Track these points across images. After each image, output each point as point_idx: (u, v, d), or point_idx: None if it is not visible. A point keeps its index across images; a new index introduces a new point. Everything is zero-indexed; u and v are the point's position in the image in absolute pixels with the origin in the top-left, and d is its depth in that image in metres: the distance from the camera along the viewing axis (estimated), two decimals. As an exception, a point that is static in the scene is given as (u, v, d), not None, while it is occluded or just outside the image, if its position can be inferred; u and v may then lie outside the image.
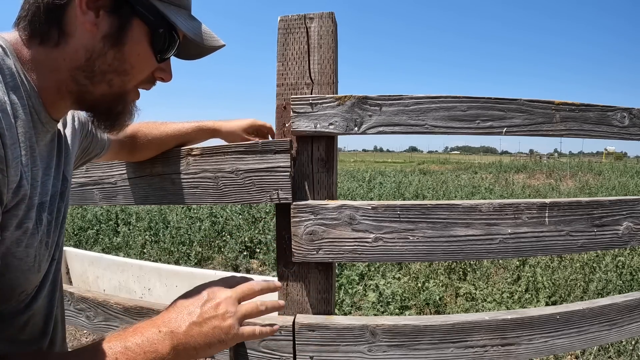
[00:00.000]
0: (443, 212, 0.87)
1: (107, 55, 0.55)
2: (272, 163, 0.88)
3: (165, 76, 0.64)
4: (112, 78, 0.57)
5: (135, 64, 0.58)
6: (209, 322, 0.53)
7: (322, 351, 0.89)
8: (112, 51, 0.55)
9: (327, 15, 0.89)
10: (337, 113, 0.87)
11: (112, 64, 0.56)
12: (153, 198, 1.00)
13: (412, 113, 0.87)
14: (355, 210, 0.87)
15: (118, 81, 0.58)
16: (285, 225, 0.91)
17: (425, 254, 0.88)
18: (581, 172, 15.68)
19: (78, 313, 1.07)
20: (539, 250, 0.90)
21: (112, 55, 0.55)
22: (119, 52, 0.56)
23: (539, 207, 0.89)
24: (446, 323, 0.89)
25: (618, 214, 0.94)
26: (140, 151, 0.96)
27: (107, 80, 0.57)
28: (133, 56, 0.57)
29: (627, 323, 0.99)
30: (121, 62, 0.56)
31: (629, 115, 0.94)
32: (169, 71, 0.64)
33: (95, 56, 0.55)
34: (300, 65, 0.90)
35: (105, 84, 0.57)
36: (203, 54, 0.69)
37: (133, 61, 0.57)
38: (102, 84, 0.57)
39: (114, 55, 0.55)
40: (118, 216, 5.90)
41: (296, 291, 0.94)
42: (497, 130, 0.89)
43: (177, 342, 0.50)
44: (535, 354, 0.92)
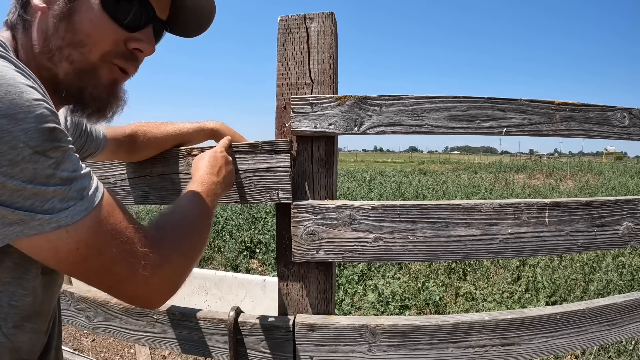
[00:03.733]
0: (443, 212, 0.87)
1: (59, 29, 0.53)
2: (272, 163, 0.88)
3: (143, 46, 0.58)
4: (70, 53, 0.54)
5: (90, 31, 0.54)
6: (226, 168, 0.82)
7: (322, 351, 0.89)
8: (62, 24, 0.53)
9: (327, 15, 0.89)
10: (337, 113, 0.86)
11: (64, 37, 0.53)
12: (153, 198, 1.00)
13: (412, 113, 0.87)
14: (355, 210, 0.87)
15: (77, 55, 0.54)
16: (285, 225, 0.91)
17: (425, 254, 0.88)
18: (581, 172, 15.68)
19: (78, 313, 1.07)
20: (539, 250, 0.90)
21: (63, 27, 0.53)
22: (70, 23, 0.53)
23: (539, 207, 0.89)
24: (446, 323, 0.89)
25: (618, 214, 0.94)
26: (139, 151, 0.96)
27: (65, 57, 0.54)
28: (85, 24, 0.53)
29: (627, 323, 0.99)
30: (74, 33, 0.53)
31: (629, 115, 0.94)
32: (148, 41, 0.59)
33: (50, 34, 0.53)
34: (300, 65, 0.90)
35: (65, 62, 0.54)
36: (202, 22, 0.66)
37: (86, 29, 0.53)
38: (62, 62, 0.54)
39: (65, 28, 0.53)
40: (118, 216, 5.88)
41: (296, 291, 0.94)
42: (497, 130, 0.89)
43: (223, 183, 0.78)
44: (535, 354, 0.92)
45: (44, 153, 0.42)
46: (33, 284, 0.52)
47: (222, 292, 2.13)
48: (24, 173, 0.41)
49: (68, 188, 0.44)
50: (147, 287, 0.51)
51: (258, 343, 0.91)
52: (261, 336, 0.90)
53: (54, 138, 0.43)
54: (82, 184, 0.46)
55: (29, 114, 0.41)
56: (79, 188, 0.45)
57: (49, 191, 0.42)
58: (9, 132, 0.39)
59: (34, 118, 0.41)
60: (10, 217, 0.41)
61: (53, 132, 0.43)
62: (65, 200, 0.44)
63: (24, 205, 0.41)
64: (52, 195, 0.43)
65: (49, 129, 0.42)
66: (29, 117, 0.41)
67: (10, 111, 0.40)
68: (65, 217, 0.44)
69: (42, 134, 0.41)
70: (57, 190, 0.43)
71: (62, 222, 0.43)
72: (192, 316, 0.95)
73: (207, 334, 0.94)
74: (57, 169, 0.43)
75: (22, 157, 0.40)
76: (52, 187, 0.43)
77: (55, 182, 0.43)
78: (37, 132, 0.41)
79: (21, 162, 0.40)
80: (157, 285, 0.52)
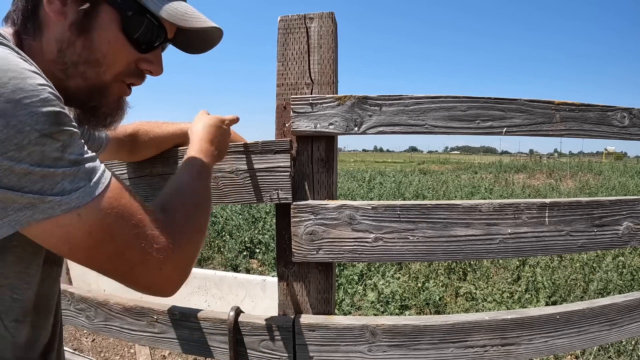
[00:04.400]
0: (443, 212, 0.87)
1: (75, 45, 0.53)
2: (272, 163, 0.88)
3: (153, 68, 0.60)
4: (85, 70, 0.54)
5: (107, 52, 0.55)
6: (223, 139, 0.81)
7: (322, 351, 0.89)
8: (80, 40, 0.53)
9: (327, 15, 0.89)
10: (337, 113, 0.87)
11: (81, 53, 0.53)
12: (153, 198, 1.00)
13: (412, 113, 0.87)
14: (355, 210, 0.87)
15: (91, 73, 0.55)
16: (285, 225, 0.91)
17: (425, 254, 0.88)
18: (581, 172, 15.68)
19: (78, 313, 1.07)
20: (539, 250, 0.90)
21: (80, 44, 0.53)
22: (87, 40, 0.53)
23: (539, 207, 0.89)
24: (446, 323, 0.89)
25: (618, 214, 0.94)
26: (140, 150, 0.96)
27: (80, 73, 0.55)
28: (103, 44, 0.54)
29: (627, 323, 0.99)
30: (91, 52, 0.54)
31: (629, 115, 0.94)
32: (157, 63, 0.60)
33: (64, 47, 0.53)
34: (300, 65, 0.90)
35: (79, 77, 0.55)
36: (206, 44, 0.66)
37: (104, 50, 0.54)
38: (76, 77, 0.55)
39: (82, 44, 0.53)
40: (118, 216, 5.88)
41: (296, 291, 0.94)
42: (497, 130, 0.89)
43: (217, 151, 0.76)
44: (535, 354, 0.92)
45: (50, 136, 0.42)
46: (35, 277, 0.52)
47: (222, 292, 2.13)
48: (31, 156, 0.40)
49: (77, 169, 0.44)
50: (161, 273, 0.50)
51: (258, 343, 0.91)
52: (261, 336, 0.90)
53: (60, 121, 0.43)
54: (90, 166, 0.46)
55: (34, 98, 0.41)
56: (87, 170, 0.45)
57: (58, 173, 0.42)
58: (15, 116, 0.39)
59: (40, 102, 0.41)
60: (19, 201, 0.41)
61: (59, 116, 0.43)
62: (74, 182, 0.43)
63: (33, 189, 0.41)
64: (61, 177, 0.42)
65: (54, 112, 0.42)
66: (34, 101, 0.41)
67: (15, 96, 0.40)
68: (76, 199, 0.43)
69: (48, 117, 0.41)
70: (66, 172, 0.43)
71: (72, 204, 0.43)
72: (192, 316, 0.95)
73: (207, 334, 0.94)
74: (64, 151, 0.43)
75: (28, 140, 0.40)
76: (60, 169, 0.42)
77: (64, 164, 0.43)
78: (43, 115, 0.41)
79: (28, 146, 0.40)
80: (171, 271, 0.51)
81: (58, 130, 0.42)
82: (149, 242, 0.49)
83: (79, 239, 0.45)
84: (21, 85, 0.40)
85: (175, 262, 0.52)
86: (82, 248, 0.45)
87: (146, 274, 0.50)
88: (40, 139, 0.41)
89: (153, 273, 0.50)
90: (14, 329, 0.51)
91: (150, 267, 0.49)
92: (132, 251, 0.48)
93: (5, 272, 0.49)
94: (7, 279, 0.49)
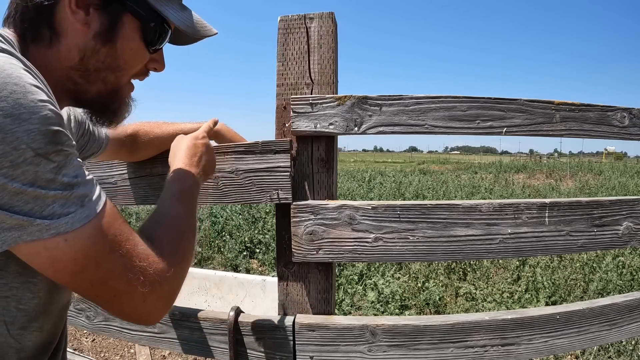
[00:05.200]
0: (443, 212, 0.87)
1: (99, 53, 0.55)
2: (272, 163, 0.88)
3: (159, 66, 0.64)
4: (107, 75, 0.57)
5: (129, 59, 0.58)
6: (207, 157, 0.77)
7: (322, 351, 0.89)
8: (104, 49, 0.55)
9: (327, 16, 0.89)
10: (337, 113, 0.87)
11: (105, 61, 0.56)
12: (153, 198, 1.00)
13: (412, 113, 0.87)
14: (355, 210, 0.87)
15: (112, 78, 0.58)
16: (285, 225, 0.91)
17: (425, 254, 0.88)
18: (581, 172, 15.69)
19: (78, 313, 1.07)
20: (539, 250, 0.90)
21: (104, 52, 0.55)
22: (112, 49, 0.56)
23: (539, 207, 0.89)
24: (446, 323, 0.89)
25: (618, 214, 0.94)
26: (141, 150, 0.96)
27: (101, 78, 0.57)
28: (126, 52, 0.57)
29: (627, 323, 0.99)
30: (114, 59, 0.56)
31: (629, 115, 0.94)
32: (161, 61, 0.64)
33: (88, 55, 0.54)
34: (300, 65, 0.90)
35: (100, 82, 0.57)
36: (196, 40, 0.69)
37: (126, 57, 0.57)
38: (97, 82, 0.57)
39: (106, 53, 0.55)
40: (118, 216, 5.88)
41: (296, 291, 0.94)
42: (497, 130, 0.89)
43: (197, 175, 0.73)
44: (535, 354, 0.92)
45: (46, 156, 0.41)
46: (40, 286, 0.52)
47: (222, 292, 2.13)
48: (24, 175, 0.40)
49: (69, 193, 0.43)
50: (145, 304, 0.50)
51: (258, 343, 0.91)
52: (261, 336, 0.90)
53: (57, 141, 0.42)
54: (84, 191, 0.45)
55: (33, 115, 0.40)
56: (80, 195, 0.44)
57: (49, 195, 0.42)
58: (12, 132, 0.39)
59: (38, 119, 0.41)
60: (8, 222, 0.40)
61: (56, 135, 0.42)
62: (65, 206, 0.43)
63: (23, 210, 0.40)
64: (52, 200, 0.42)
65: (52, 131, 0.42)
66: (32, 118, 0.40)
67: (14, 111, 0.39)
68: (64, 224, 0.43)
69: (45, 136, 0.41)
70: (58, 195, 0.42)
71: (61, 229, 0.42)
72: (192, 316, 0.95)
73: (207, 334, 0.94)
74: (58, 173, 0.42)
75: (23, 159, 0.40)
76: (52, 191, 0.42)
77: (56, 187, 0.42)
78: (40, 134, 0.40)
79: (22, 164, 0.40)
80: (155, 302, 0.51)
81: (54, 151, 0.42)
82: (135, 273, 0.48)
83: (64, 263, 0.44)
84: (21, 101, 0.40)
85: (160, 294, 0.51)
86: (65, 272, 0.45)
87: (129, 304, 0.49)
88: (35, 159, 0.40)
89: (137, 304, 0.49)
90: (20, 336, 0.51)
91: (135, 298, 0.48)
92: (116, 281, 0.47)
93: (10, 282, 0.48)
94: (12, 289, 0.49)
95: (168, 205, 0.62)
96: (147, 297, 0.49)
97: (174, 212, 0.61)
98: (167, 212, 0.61)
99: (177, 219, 0.60)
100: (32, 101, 0.41)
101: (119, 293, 0.48)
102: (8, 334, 0.50)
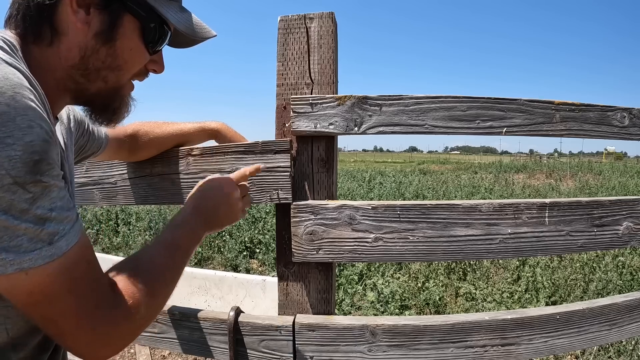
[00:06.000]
0: (443, 212, 0.87)
1: (99, 52, 0.55)
2: (272, 163, 0.88)
3: (158, 68, 0.65)
4: (107, 74, 0.58)
5: (128, 59, 0.58)
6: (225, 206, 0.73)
7: (322, 351, 0.89)
8: (104, 48, 0.56)
9: (327, 15, 0.89)
10: (337, 113, 0.87)
11: (105, 60, 0.56)
12: (153, 198, 1.00)
13: (412, 113, 0.87)
14: (355, 210, 0.87)
15: (112, 77, 0.58)
16: (285, 225, 0.91)
17: (425, 254, 0.88)
18: (581, 172, 15.69)
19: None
20: (539, 250, 0.90)
21: (104, 52, 0.56)
22: (112, 48, 0.56)
23: (539, 207, 0.89)
24: (446, 323, 0.89)
25: (618, 214, 0.94)
26: (141, 150, 0.96)
27: (102, 77, 0.57)
28: (126, 51, 0.57)
29: (627, 323, 0.99)
30: (114, 59, 0.57)
31: (629, 115, 0.94)
32: (161, 63, 0.65)
33: (88, 54, 0.55)
34: (300, 65, 0.90)
35: (100, 81, 0.58)
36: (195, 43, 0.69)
37: (126, 56, 0.58)
38: (97, 81, 0.58)
39: (106, 52, 0.56)
40: (118, 216, 5.90)
41: (296, 291, 0.94)
42: (497, 130, 0.89)
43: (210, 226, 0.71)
44: (535, 354, 0.92)
45: (23, 185, 0.40)
46: None
47: (222, 292, 2.13)
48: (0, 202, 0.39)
49: (40, 229, 0.42)
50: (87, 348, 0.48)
51: (258, 343, 0.91)
52: (261, 336, 0.90)
53: (37, 171, 0.41)
54: (55, 228, 0.44)
55: (18, 141, 0.40)
56: (50, 232, 0.43)
57: (20, 227, 0.41)
58: None
59: (22, 146, 0.40)
60: None
61: (37, 165, 0.42)
62: (33, 241, 0.42)
63: None
64: (22, 232, 0.41)
65: (33, 161, 0.41)
66: (17, 144, 0.40)
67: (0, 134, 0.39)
68: (28, 260, 0.42)
69: (25, 164, 0.40)
70: (29, 229, 0.42)
71: (24, 265, 0.42)
72: (192, 316, 0.95)
73: (207, 334, 0.94)
74: (32, 204, 0.42)
75: (1, 184, 0.39)
76: (24, 223, 0.41)
77: (28, 219, 0.41)
78: (21, 162, 0.40)
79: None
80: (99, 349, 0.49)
81: (32, 181, 0.41)
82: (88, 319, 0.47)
83: (19, 294, 0.44)
84: (10, 124, 0.40)
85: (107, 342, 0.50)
86: (19, 302, 0.45)
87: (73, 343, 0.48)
88: (12, 186, 0.40)
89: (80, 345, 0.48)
90: (18, 335, 0.51)
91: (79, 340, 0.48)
92: (66, 322, 0.46)
93: None
94: None
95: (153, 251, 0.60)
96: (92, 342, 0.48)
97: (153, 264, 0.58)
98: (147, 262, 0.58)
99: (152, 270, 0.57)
100: (19, 126, 0.40)
101: (65, 333, 0.47)
102: (7, 335, 0.50)
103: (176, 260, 0.62)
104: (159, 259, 0.59)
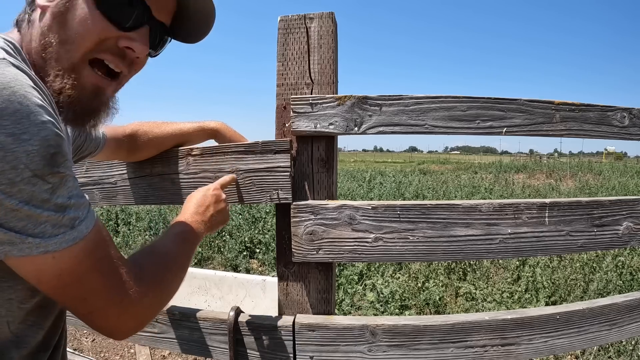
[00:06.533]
0: (443, 212, 0.87)
1: (52, 27, 0.53)
2: (272, 163, 0.88)
3: (134, 45, 0.57)
4: (58, 50, 0.53)
5: (79, 29, 0.53)
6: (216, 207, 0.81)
7: (322, 351, 0.89)
8: (55, 21, 0.53)
9: (327, 16, 0.89)
10: (337, 113, 0.86)
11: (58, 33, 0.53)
12: (153, 198, 1.00)
13: (412, 113, 0.87)
14: (355, 210, 0.87)
15: (63, 52, 0.53)
16: (285, 225, 0.91)
17: (425, 254, 0.88)
18: (581, 172, 15.69)
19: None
20: (539, 250, 0.90)
21: (56, 25, 0.53)
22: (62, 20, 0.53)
23: (539, 207, 0.89)
24: (446, 323, 0.89)
25: (618, 214, 0.94)
26: (140, 150, 0.96)
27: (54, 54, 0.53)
28: (76, 21, 0.53)
29: (627, 323, 0.99)
30: (65, 31, 0.53)
31: (629, 115, 0.94)
32: (140, 41, 0.57)
33: (45, 31, 0.54)
34: (300, 65, 0.90)
35: (53, 60, 0.53)
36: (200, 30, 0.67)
37: (76, 27, 0.53)
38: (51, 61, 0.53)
39: (58, 24, 0.53)
40: (118, 216, 5.90)
41: (296, 291, 0.94)
42: (497, 130, 0.89)
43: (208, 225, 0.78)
44: (535, 354, 0.92)
45: (42, 177, 0.43)
46: None
47: (222, 292, 2.13)
48: (21, 194, 0.41)
49: (61, 215, 0.45)
50: (117, 321, 0.52)
51: (258, 343, 0.91)
52: (261, 336, 0.90)
53: (54, 163, 0.44)
54: (75, 214, 0.47)
55: (34, 136, 0.42)
56: (71, 217, 0.46)
57: (42, 215, 0.43)
58: (12, 151, 0.40)
59: (38, 141, 0.42)
60: (0, 237, 0.42)
61: (54, 157, 0.44)
62: (57, 226, 0.45)
63: (16, 227, 0.42)
64: (45, 219, 0.44)
65: (50, 154, 0.43)
66: (33, 139, 0.41)
67: (16, 130, 0.40)
68: (54, 244, 0.45)
69: (43, 158, 0.42)
70: (51, 216, 0.44)
71: (50, 248, 0.44)
72: (192, 316, 0.95)
73: (207, 334, 0.94)
74: (53, 194, 0.44)
75: (21, 178, 0.41)
76: (46, 212, 0.44)
77: (50, 207, 0.44)
78: (38, 155, 0.42)
79: (20, 183, 0.41)
80: (127, 321, 0.53)
81: (50, 172, 0.43)
82: (114, 293, 0.51)
83: (49, 278, 0.46)
84: (24, 121, 0.41)
85: (134, 315, 0.54)
86: (49, 286, 0.47)
87: (103, 320, 0.52)
88: (32, 179, 0.42)
89: (110, 320, 0.52)
90: (19, 331, 0.52)
91: (109, 315, 0.51)
92: (96, 299, 0.50)
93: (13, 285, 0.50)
94: (16, 291, 0.50)
95: (163, 241, 0.67)
96: (121, 315, 0.52)
97: (166, 248, 0.65)
98: (160, 246, 0.65)
99: (166, 254, 0.64)
100: (34, 122, 0.42)
101: (95, 309, 0.50)
102: (8, 330, 0.51)
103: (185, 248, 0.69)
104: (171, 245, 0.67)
